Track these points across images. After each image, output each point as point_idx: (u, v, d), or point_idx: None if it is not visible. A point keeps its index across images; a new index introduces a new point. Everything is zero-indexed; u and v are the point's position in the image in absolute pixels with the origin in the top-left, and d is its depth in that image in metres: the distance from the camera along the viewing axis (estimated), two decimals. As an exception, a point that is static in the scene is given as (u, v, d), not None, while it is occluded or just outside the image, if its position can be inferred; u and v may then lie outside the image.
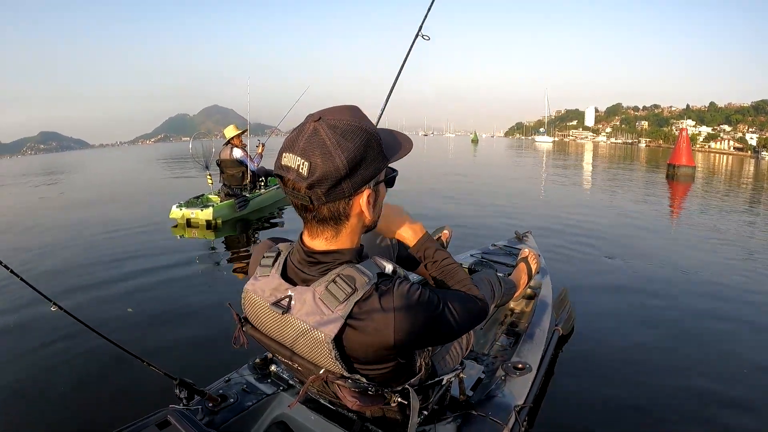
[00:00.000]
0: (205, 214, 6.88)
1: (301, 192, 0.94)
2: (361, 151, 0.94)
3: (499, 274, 2.16)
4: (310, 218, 1.01)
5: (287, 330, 1.06)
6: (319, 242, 1.05)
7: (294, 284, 1.06)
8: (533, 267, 2.42)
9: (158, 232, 6.89)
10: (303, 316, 1.02)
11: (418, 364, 1.22)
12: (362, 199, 1.00)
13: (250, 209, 7.59)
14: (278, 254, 1.14)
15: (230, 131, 7.53)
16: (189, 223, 7.00)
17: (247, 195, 7.57)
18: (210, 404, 1.51)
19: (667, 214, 8.81)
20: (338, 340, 1.00)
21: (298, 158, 0.93)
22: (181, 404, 1.45)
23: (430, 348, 1.33)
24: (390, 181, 1.10)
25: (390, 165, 1.08)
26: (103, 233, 6.99)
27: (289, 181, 0.96)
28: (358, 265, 1.02)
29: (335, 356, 1.01)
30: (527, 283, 2.40)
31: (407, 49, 3.17)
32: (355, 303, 0.97)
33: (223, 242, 6.40)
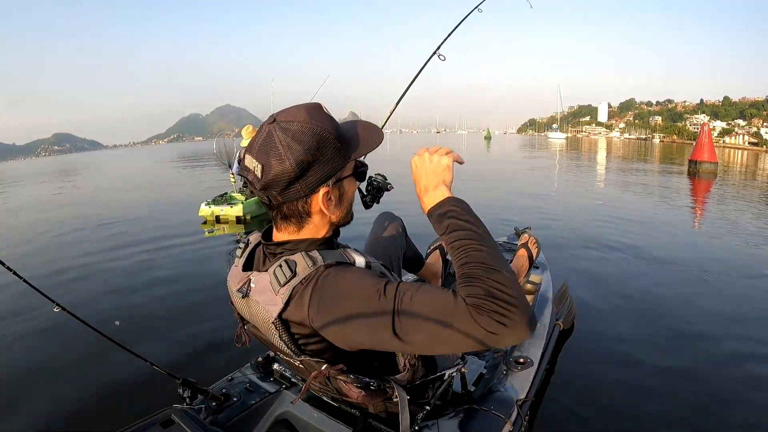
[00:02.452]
0: (235, 211, 7.29)
1: (258, 192, 0.99)
2: (312, 153, 0.95)
3: None
4: (274, 215, 1.05)
5: (250, 313, 1.08)
6: (282, 235, 1.08)
7: (257, 271, 1.10)
8: (534, 252, 2.42)
9: (187, 229, 7.11)
10: (257, 298, 1.04)
11: (401, 364, 1.22)
12: (319, 198, 1.01)
13: None
14: (247, 245, 1.18)
15: (247, 132, 7.70)
16: (218, 220, 7.38)
17: None
18: (213, 403, 1.52)
19: (689, 211, 8.55)
20: (284, 323, 1.01)
21: (254, 160, 0.96)
22: (185, 403, 1.47)
23: None
24: (359, 176, 1.10)
25: (360, 159, 1.08)
26: (125, 230, 7.25)
27: (249, 181, 1.00)
28: (311, 252, 1.01)
29: (279, 336, 1.02)
30: (529, 268, 2.41)
31: (421, 66, 2.66)
32: (294, 288, 0.98)
33: (245, 236, 6.50)
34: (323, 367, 1.08)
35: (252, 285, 1.06)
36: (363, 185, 1.23)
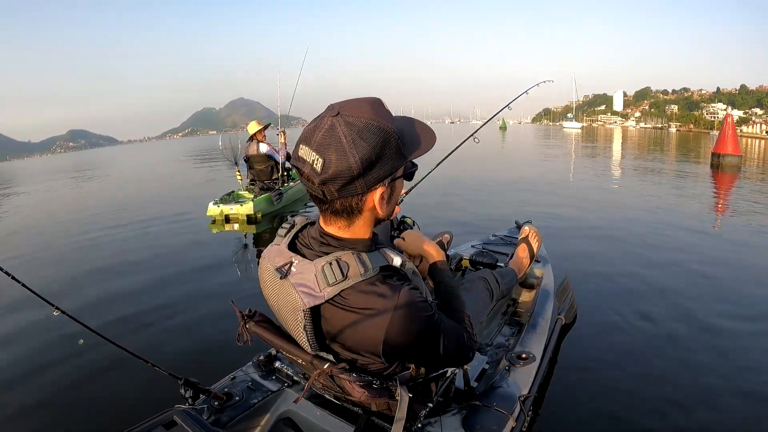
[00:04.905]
0: (245, 209, 7.01)
1: (315, 185, 0.97)
2: (377, 151, 0.94)
3: (500, 264, 2.16)
4: (324, 209, 1.04)
5: (280, 294, 1.09)
6: (332, 229, 1.08)
7: (301, 255, 1.10)
8: (534, 246, 2.44)
9: (193, 229, 7.03)
10: (295, 283, 1.05)
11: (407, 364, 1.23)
12: (375, 196, 1.01)
13: (285, 202, 7.66)
14: (292, 227, 1.18)
15: (252, 127, 7.58)
16: (227, 219, 7.11)
17: (281, 188, 7.62)
18: (216, 403, 1.53)
19: (705, 206, 8.11)
20: (315, 317, 1.05)
21: (313, 153, 0.94)
22: (187, 404, 1.47)
23: None
24: (409, 176, 1.11)
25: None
26: (135, 231, 7.17)
27: (304, 173, 0.98)
28: (362, 254, 1.04)
29: (303, 327, 1.05)
30: (530, 263, 2.41)
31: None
32: (342, 290, 1.00)
33: (254, 236, 6.52)
34: (326, 366, 1.09)
35: (293, 269, 1.07)
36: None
